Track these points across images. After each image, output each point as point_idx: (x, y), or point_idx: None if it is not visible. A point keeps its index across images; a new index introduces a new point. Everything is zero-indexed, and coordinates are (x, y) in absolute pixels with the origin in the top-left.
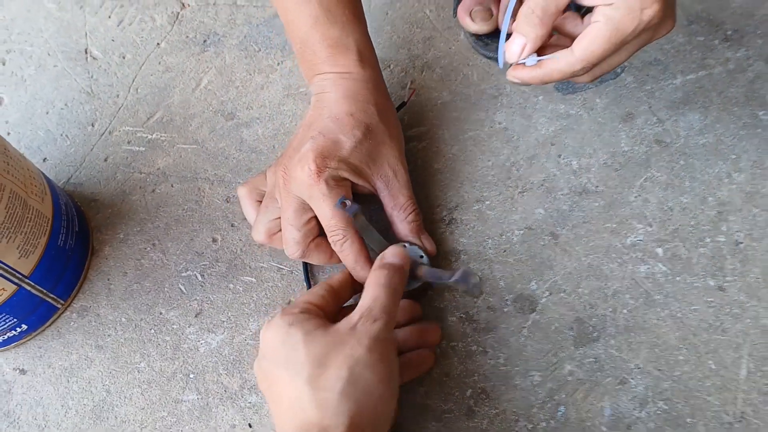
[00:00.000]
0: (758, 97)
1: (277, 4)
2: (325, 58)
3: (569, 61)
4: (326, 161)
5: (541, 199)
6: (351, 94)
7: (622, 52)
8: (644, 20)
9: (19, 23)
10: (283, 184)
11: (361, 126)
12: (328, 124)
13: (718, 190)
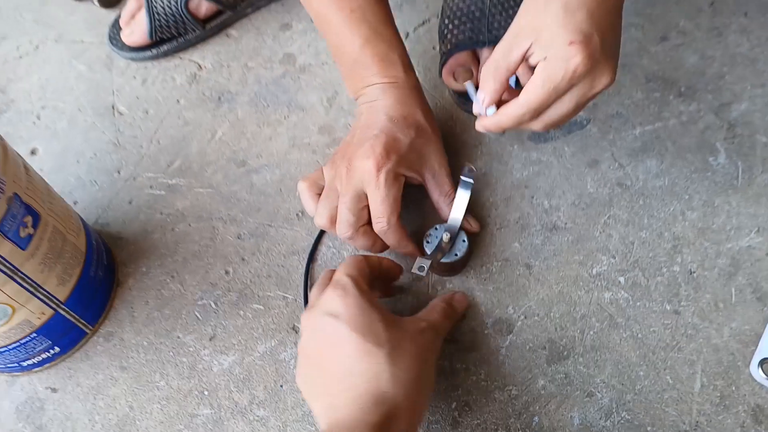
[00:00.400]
0: (708, 145)
1: (326, 29)
2: (376, 71)
3: (516, 108)
4: (388, 155)
5: (516, 234)
6: (401, 99)
7: (564, 101)
8: (570, 69)
9: (53, 83)
10: (346, 174)
11: (413, 126)
12: (386, 124)
13: (673, 227)
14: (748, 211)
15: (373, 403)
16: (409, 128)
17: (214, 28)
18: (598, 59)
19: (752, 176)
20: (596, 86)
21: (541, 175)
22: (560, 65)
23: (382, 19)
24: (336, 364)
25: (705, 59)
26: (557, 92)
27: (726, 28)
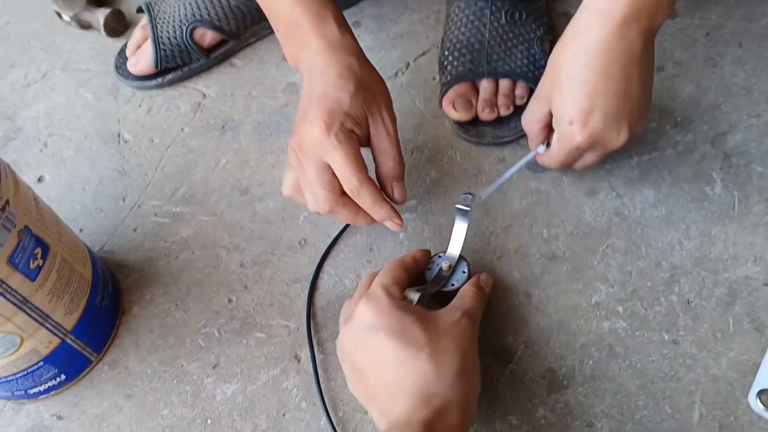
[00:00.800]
0: (704, 174)
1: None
2: (309, 29)
3: (549, 160)
4: (332, 117)
5: (516, 263)
6: (336, 60)
7: (586, 158)
8: (574, 146)
9: (60, 111)
10: (299, 149)
11: (352, 80)
12: (324, 89)
13: (671, 256)
14: (745, 241)
15: (423, 402)
16: (348, 84)
17: (218, 57)
18: (600, 132)
19: (749, 206)
20: (611, 147)
21: (540, 204)
22: (565, 140)
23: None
24: (383, 372)
25: (701, 89)
26: (572, 156)
27: (721, 58)
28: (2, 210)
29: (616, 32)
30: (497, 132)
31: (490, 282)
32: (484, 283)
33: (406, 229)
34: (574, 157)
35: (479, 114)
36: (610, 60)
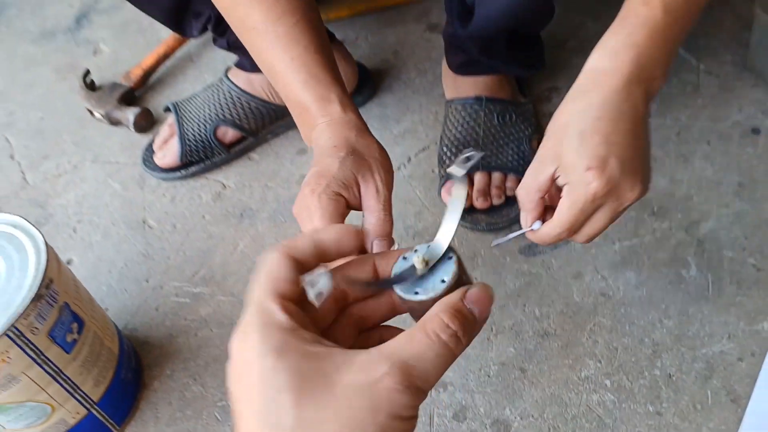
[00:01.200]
0: (680, 259)
1: (272, 76)
2: (316, 110)
3: (552, 228)
4: (319, 180)
5: (511, 340)
6: (335, 132)
7: (597, 218)
8: (590, 193)
9: (89, 199)
10: (300, 221)
11: (344, 148)
12: (319, 159)
13: (653, 333)
14: (719, 320)
15: None
16: (340, 151)
17: (238, 152)
18: (618, 179)
19: (721, 288)
20: (624, 201)
21: (532, 285)
22: (581, 190)
23: (320, 63)
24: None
25: (674, 183)
26: (585, 213)
27: (692, 155)
28: (47, 287)
29: (623, 89)
30: (491, 219)
31: (485, 302)
32: (474, 304)
33: None
34: (585, 215)
35: (474, 202)
36: (621, 113)
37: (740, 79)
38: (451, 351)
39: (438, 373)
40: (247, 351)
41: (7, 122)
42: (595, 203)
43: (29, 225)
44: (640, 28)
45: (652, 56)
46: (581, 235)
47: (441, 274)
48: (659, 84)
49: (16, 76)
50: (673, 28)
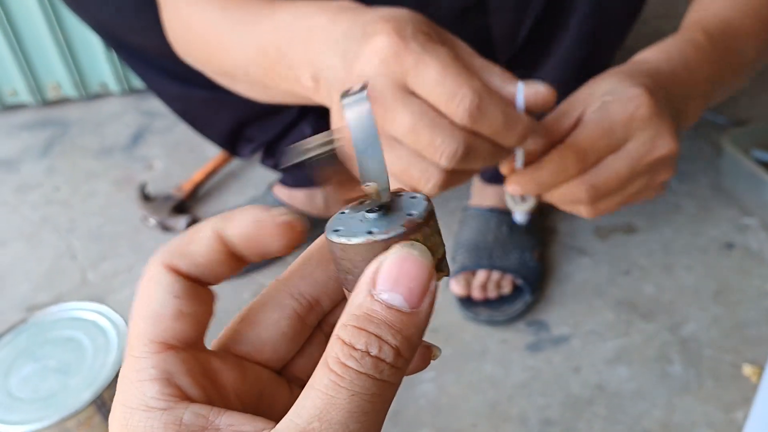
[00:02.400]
0: (666, 356)
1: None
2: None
3: (560, 152)
4: (401, 24)
5: (517, 426)
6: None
7: (619, 158)
8: (630, 110)
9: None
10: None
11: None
12: (374, 13)
13: (642, 421)
14: (700, 410)
15: None
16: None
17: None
18: (661, 113)
19: (702, 382)
20: (656, 148)
21: (536, 378)
22: (621, 105)
23: None
24: None
25: (660, 289)
26: (611, 136)
27: (675, 265)
28: None
29: (658, 69)
30: (491, 313)
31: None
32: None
33: None
34: (606, 141)
35: (472, 292)
36: (657, 80)
37: (715, 200)
38: (373, 380)
39: (367, 417)
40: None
41: (70, 228)
42: (629, 127)
43: (113, 312)
44: (687, 45)
45: (696, 70)
46: (586, 183)
47: (406, 210)
48: (694, 108)
49: (79, 188)
50: (714, 54)
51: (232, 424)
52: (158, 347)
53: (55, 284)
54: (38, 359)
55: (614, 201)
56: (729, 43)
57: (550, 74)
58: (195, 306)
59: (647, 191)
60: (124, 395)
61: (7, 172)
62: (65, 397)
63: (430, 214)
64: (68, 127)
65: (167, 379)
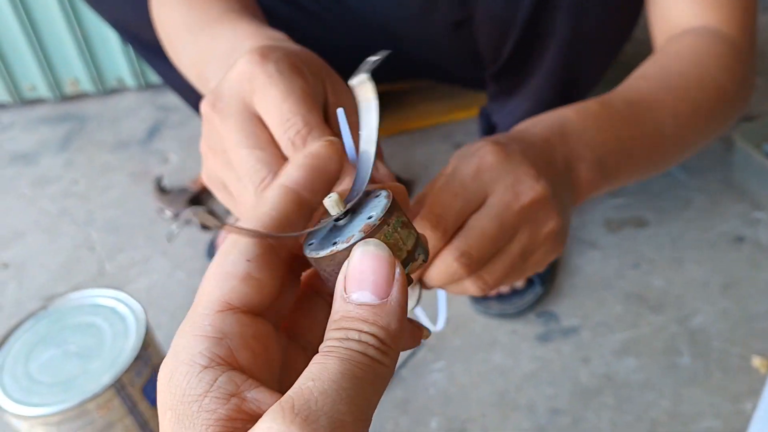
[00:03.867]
0: (674, 348)
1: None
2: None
3: (463, 243)
4: (271, 49)
5: (526, 416)
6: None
7: (483, 213)
8: (475, 162)
9: (158, 286)
10: (214, 103)
11: (291, 41)
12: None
13: (650, 411)
14: (708, 401)
15: None
16: (286, 39)
17: None
18: (513, 159)
19: (710, 373)
20: (520, 194)
21: (545, 368)
22: (466, 161)
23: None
24: None
25: (669, 282)
26: (464, 194)
27: (684, 259)
28: (144, 350)
29: (541, 137)
30: (502, 306)
31: (377, 271)
32: (359, 285)
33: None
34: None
35: None
36: (540, 152)
37: (726, 195)
38: (359, 353)
39: (355, 391)
40: (158, 398)
41: (88, 220)
42: (481, 184)
43: (131, 299)
44: (570, 108)
45: (577, 131)
46: (457, 245)
47: (367, 212)
48: (586, 171)
49: (95, 180)
50: (609, 123)
51: (258, 399)
52: (221, 305)
53: (72, 275)
54: (58, 344)
55: (500, 267)
56: (637, 112)
57: (535, 92)
58: (264, 272)
59: (538, 249)
60: (176, 347)
61: (26, 166)
62: (85, 380)
63: (389, 212)
64: (86, 122)
65: (219, 338)
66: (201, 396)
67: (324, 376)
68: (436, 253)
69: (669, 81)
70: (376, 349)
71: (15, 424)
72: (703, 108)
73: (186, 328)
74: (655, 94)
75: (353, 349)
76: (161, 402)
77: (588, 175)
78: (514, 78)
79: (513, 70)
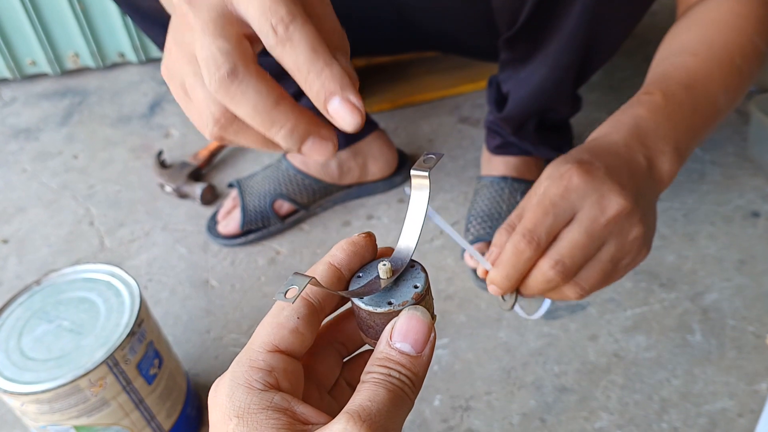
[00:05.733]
0: (686, 326)
1: None
2: None
3: (513, 241)
4: None
5: (532, 393)
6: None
7: (573, 229)
8: (563, 184)
9: (158, 261)
10: (187, 2)
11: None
12: None
13: (661, 391)
14: (721, 380)
15: None
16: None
17: (291, 223)
18: (597, 177)
19: (724, 352)
20: (606, 209)
21: (552, 345)
22: (554, 183)
23: None
24: None
25: (681, 258)
26: (555, 211)
27: (697, 234)
28: (139, 326)
29: (622, 143)
30: None
31: (417, 332)
32: (404, 339)
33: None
34: (551, 215)
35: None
36: (624, 161)
37: (741, 168)
38: (398, 391)
39: (396, 412)
40: (216, 409)
41: (88, 194)
42: (570, 202)
43: (125, 274)
44: (640, 106)
45: (652, 128)
46: (551, 254)
47: (411, 282)
48: (668, 163)
49: (96, 155)
50: (677, 112)
51: (305, 413)
52: (272, 347)
53: (73, 249)
54: (52, 320)
55: (593, 274)
56: (696, 96)
57: (552, 58)
58: (307, 329)
59: (626, 255)
60: (234, 373)
61: (27, 141)
62: (78, 356)
63: (428, 286)
64: (87, 96)
65: (270, 371)
66: (265, 408)
67: (377, 398)
68: (531, 265)
69: (717, 55)
70: (409, 387)
71: (7, 401)
72: (746, 74)
73: (243, 359)
74: (706, 72)
75: (395, 384)
76: (221, 411)
77: (669, 167)
78: (530, 43)
79: (529, 36)
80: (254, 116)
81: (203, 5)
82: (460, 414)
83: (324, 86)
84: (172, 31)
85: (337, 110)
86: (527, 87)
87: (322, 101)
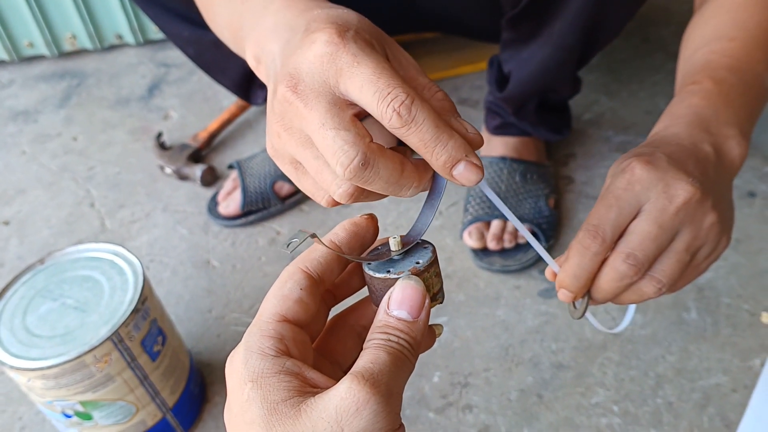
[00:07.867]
0: (682, 303)
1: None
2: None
3: (578, 237)
4: (344, 25)
5: (530, 370)
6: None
7: (641, 220)
8: (626, 177)
9: (160, 242)
10: (294, 88)
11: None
12: (316, 15)
13: (656, 367)
14: (715, 357)
15: None
16: (343, 9)
17: (291, 204)
18: (660, 167)
19: (718, 329)
20: (674, 198)
21: (549, 323)
22: (617, 179)
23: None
24: None
25: None
26: (619, 206)
27: None
28: (143, 303)
29: (686, 132)
30: (505, 262)
31: (412, 301)
32: (399, 307)
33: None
34: (617, 210)
35: (488, 244)
36: (690, 152)
37: None
38: (398, 354)
39: (397, 373)
40: (233, 376)
41: (88, 176)
42: (635, 195)
43: (129, 253)
44: (693, 96)
45: (712, 115)
46: (622, 248)
47: (416, 258)
48: (737, 147)
49: (96, 137)
50: (730, 94)
51: (314, 377)
52: (279, 318)
53: (74, 231)
54: (56, 298)
55: (669, 265)
56: (744, 77)
57: (556, 38)
58: (311, 299)
59: (703, 244)
60: (248, 342)
61: (26, 123)
62: (83, 333)
63: (431, 264)
64: (85, 78)
65: (280, 338)
66: (278, 372)
67: (379, 361)
68: (599, 262)
69: (754, 36)
70: (408, 350)
71: (13, 377)
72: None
73: (254, 330)
74: (747, 53)
75: (394, 347)
76: (237, 378)
77: (738, 150)
78: (533, 23)
79: (534, 14)
80: (386, 188)
81: (311, 95)
82: (459, 390)
83: (451, 156)
84: (277, 117)
85: (462, 173)
86: (529, 67)
87: (449, 169)
